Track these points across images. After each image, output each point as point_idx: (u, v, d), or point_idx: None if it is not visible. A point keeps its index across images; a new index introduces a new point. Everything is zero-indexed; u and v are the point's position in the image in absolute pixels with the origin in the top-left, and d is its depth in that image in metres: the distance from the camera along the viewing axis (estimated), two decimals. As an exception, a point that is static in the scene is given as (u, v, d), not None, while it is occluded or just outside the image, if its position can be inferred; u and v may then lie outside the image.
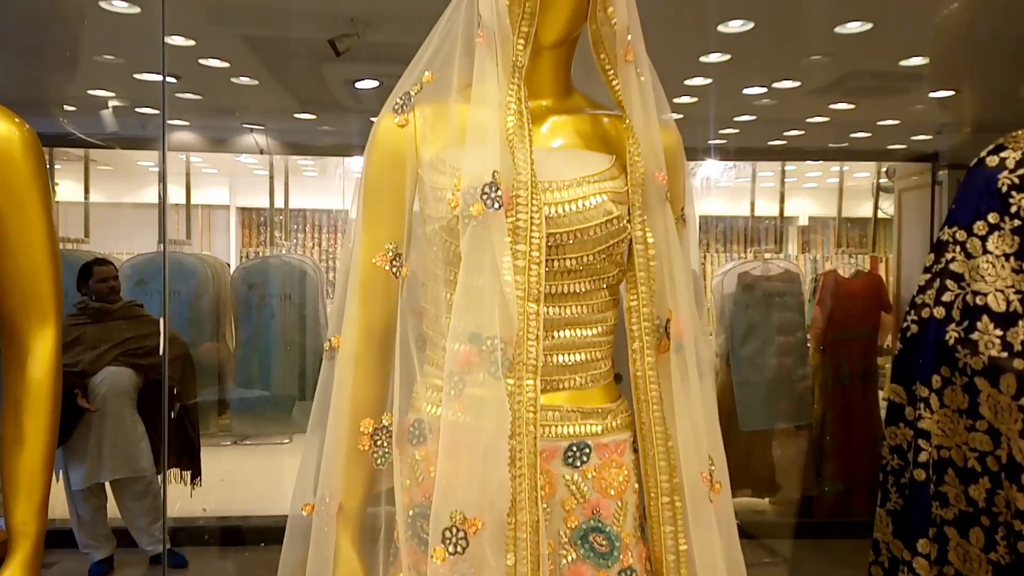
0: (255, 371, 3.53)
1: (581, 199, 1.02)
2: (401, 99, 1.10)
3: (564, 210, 1.02)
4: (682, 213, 1.16)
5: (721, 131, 4.35)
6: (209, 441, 3.80)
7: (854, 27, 2.82)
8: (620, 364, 1.13)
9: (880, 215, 4.49)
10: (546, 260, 1.00)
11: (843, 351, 4.08)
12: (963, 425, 1.29)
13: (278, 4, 2.67)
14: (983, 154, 1.34)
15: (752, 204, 4.36)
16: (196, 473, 3.38)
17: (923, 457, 1.32)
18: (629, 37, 1.05)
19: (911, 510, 1.34)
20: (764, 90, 3.50)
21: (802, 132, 4.31)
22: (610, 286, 1.08)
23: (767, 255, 4.03)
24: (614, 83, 1.07)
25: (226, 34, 2.91)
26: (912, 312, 1.35)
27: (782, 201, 4.22)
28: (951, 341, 1.28)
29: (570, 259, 1.03)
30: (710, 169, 4.68)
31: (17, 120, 1.12)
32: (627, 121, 1.05)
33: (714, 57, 3.14)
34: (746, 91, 3.50)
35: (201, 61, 3.08)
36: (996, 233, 1.28)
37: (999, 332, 1.23)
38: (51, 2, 2.68)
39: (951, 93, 3.48)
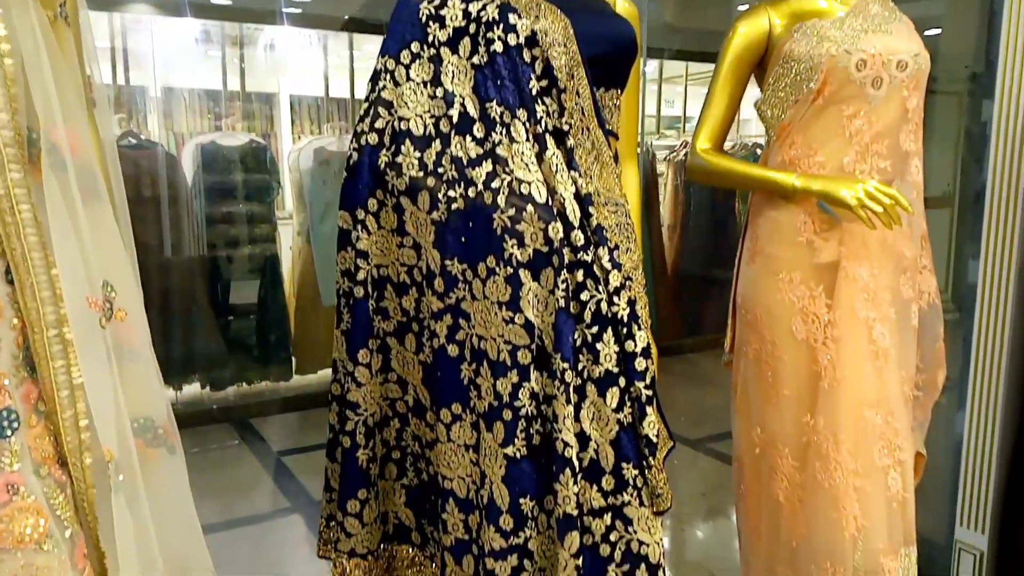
0: None
1: None
2: None
3: None
4: (62, 11, 1.01)
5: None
6: None
7: None
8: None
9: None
10: None
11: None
12: (395, 243, 1.39)
13: None
14: None
15: (326, 79, 4.30)
16: None
17: (361, 276, 1.41)
18: None
19: (354, 326, 1.44)
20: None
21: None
22: None
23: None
24: None
25: None
26: (353, 140, 1.40)
27: (352, 76, 4.23)
28: (382, 165, 1.36)
29: None
30: (286, 37, 4.50)
31: None
32: None
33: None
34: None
35: None
36: (417, 62, 1.36)
37: (418, 154, 1.33)
38: None
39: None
